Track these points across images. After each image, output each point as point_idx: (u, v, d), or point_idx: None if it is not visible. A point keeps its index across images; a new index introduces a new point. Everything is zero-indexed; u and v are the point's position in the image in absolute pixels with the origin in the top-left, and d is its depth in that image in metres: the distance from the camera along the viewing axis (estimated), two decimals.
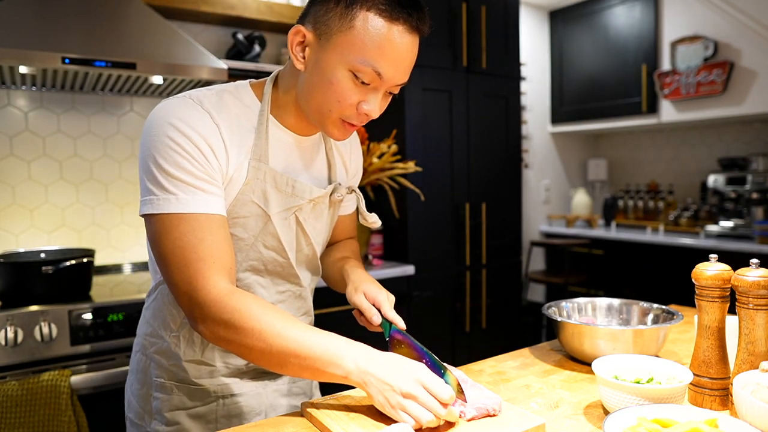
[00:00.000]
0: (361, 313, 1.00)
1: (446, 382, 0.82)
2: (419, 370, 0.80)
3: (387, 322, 0.97)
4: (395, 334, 0.95)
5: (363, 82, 0.86)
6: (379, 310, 0.98)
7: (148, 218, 0.87)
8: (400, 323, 0.96)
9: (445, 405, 0.78)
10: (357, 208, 1.13)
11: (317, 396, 1.21)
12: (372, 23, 0.83)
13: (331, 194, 1.05)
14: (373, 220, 1.08)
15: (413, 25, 0.85)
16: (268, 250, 0.99)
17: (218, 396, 1.04)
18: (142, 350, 1.07)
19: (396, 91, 0.92)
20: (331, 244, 1.23)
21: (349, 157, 1.14)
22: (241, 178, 0.92)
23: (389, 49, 0.84)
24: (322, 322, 1.40)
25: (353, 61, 0.84)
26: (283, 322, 0.83)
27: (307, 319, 1.15)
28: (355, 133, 1.16)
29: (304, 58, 0.89)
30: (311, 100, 0.90)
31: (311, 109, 0.91)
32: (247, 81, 0.99)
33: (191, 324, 0.87)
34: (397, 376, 0.79)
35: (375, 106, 0.89)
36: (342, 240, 1.25)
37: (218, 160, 0.88)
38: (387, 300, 0.99)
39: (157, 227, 0.85)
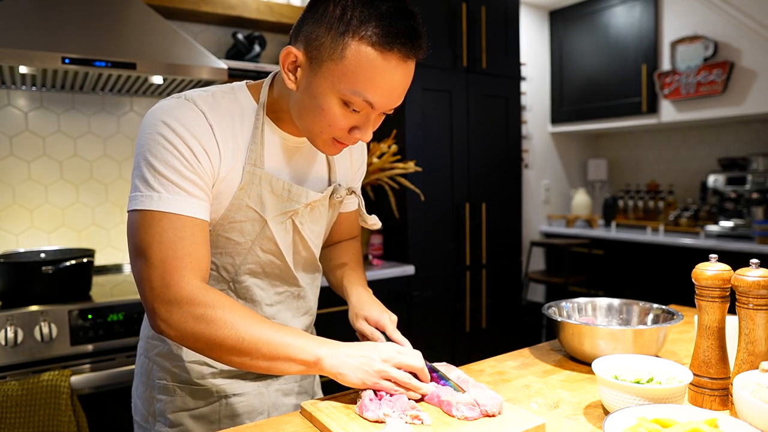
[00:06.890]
0: (365, 337, 1.02)
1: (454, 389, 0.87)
2: (386, 347, 0.87)
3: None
4: None
5: (354, 110, 0.84)
6: (384, 333, 1.00)
7: (130, 213, 0.86)
8: (406, 344, 0.97)
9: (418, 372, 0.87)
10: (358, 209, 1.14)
11: (319, 394, 1.22)
12: (363, 55, 0.79)
13: (330, 195, 1.04)
14: (373, 222, 1.10)
15: (407, 54, 0.81)
16: (266, 254, 0.99)
17: (220, 396, 1.04)
18: (144, 353, 1.08)
19: (390, 111, 0.89)
20: (333, 244, 1.23)
21: (352, 152, 1.13)
22: (236, 182, 0.92)
23: (381, 80, 0.81)
24: (323, 322, 1.41)
25: (344, 91, 0.82)
26: (255, 316, 0.85)
27: (309, 318, 1.14)
28: None
29: (296, 78, 0.86)
30: (302, 119, 0.89)
31: (302, 126, 0.91)
32: (244, 82, 0.98)
33: (152, 323, 0.84)
34: (371, 350, 0.86)
35: (367, 132, 0.88)
36: (344, 240, 1.24)
37: (210, 160, 0.88)
38: (390, 322, 1.01)
39: (137, 221, 0.84)
